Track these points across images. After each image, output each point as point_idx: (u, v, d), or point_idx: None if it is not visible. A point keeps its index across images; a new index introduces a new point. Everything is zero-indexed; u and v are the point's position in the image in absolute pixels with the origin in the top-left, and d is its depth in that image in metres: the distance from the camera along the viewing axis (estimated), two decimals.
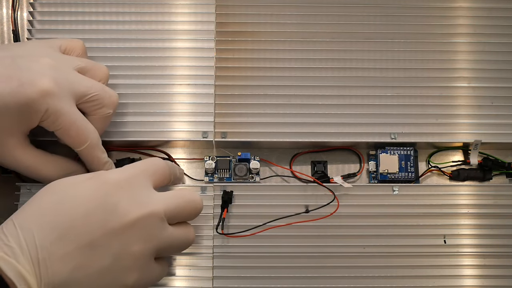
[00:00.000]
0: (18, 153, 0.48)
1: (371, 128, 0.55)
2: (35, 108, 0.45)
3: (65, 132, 0.47)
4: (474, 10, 0.59)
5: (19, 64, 0.46)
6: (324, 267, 0.53)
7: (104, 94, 0.50)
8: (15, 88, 0.44)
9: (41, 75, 0.46)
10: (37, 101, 0.45)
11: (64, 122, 0.47)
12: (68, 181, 0.44)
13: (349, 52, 0.57)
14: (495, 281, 0.53)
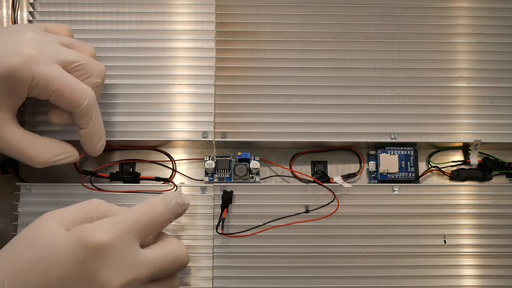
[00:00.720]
0: (5, 131, 0.46)
1: (371, 128, 0.55)
2: (20, 77, 0.44)
3: (60, 94, 0.46)
4: (474, 10, 0.59)
5: (2, 39, 0.45)
6: (324, 267, 0.53)
7: (91, 64, 0.48)
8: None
9: (24, 45, 0.45)
10: (21, 69, 0.44)
11: (56, 84, 0.45)
12: (50, 230, 0.40)
13: (349, 52, 0.57)
14: (495, 281, 0.53)
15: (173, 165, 0.56)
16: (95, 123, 0.48)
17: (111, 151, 0.56)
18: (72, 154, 0.50)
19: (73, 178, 0.56)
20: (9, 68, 0.44)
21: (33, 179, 0.56)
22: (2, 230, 0.55)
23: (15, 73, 0.44)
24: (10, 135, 0.46)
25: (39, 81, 0.45)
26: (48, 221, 0.41)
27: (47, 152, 0.48)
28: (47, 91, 0.45)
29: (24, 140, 0.47)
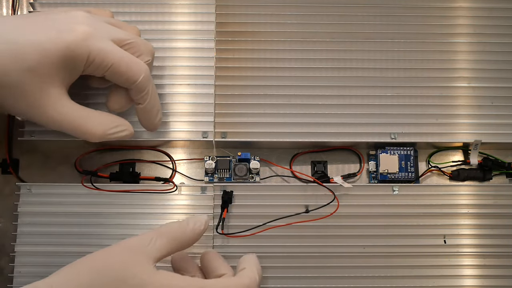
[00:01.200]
0: (62, 105, 0.46)
1: (371, 128, 0.55)
2: (77, 53, 0.44)
3: (116, 69, 0.46)
4: (474, 10, 0.59)
5: (53, 17, 0.46)
6: (324, 267, 0.53)
7: (140, 42, 0.49)
8: (54, 35, 0.44)
9: (78, 22, 0.45)
10: (79, 45, 0.44)
11: (112, 59, 0.46)
12: (144, 271, 0.41)
13: (349, 52, 0.57)
14: (495, 281, 0.53)
15: (173, 165, 0.56)
16: (152, 97, 0.49)
17: (111, 151, 0.56)
18: (127, 128, 0.49)
19: (73, 178, 0.56)
20: (66, 44, 0.44)
21: (33, 179, 0.56)
22: (2, 230, 0.55)
23: (72, 50, 0.44)
24: (67, 109, 0.46)
25: (95, 57, 0.45)
26: (141, 258, 0.42)
27: (103, 126, 0.48)
28: (103, 66, 0.46)
29: (80, 114, 0.47)
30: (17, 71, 0.43)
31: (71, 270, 0.41)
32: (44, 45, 0.44)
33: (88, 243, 0.52)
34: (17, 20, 0.46)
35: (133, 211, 0.53)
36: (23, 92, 0.44)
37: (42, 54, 0.44)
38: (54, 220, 0.52)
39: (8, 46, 0.43)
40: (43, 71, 0.44)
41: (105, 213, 0.53)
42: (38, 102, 0.45)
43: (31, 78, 0.44)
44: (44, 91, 0.45)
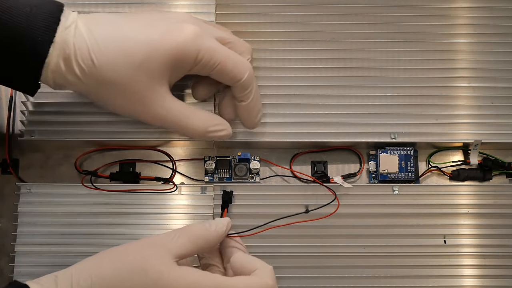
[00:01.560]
0: (168, 103, 0.47)
1: (371, 128, 0.55)
2: (187, 51, 0.45)
3: (223, 67, 0.47)
4: (474, 10, 0.59)
5: (161, 16, 0.47)
6: (324, 267, 0.53)
7: (238, 41, 0.50)
8: (165, 34, 0.45)
9: (185, 21, 0.46)
10: (189, 43, 0.45)
11: (220, 57, 0.46)
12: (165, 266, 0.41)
13: (349, 52, 0.57)
14: (495, 281, 0.53)
15: (173, 165, 0.56)
16: (255, 95, 0.50)
17: (111, 151, 0.56)
18: (226, 128, 0.50)
19: (73, 178, 0.56)
20: (176, 43, 0.45)
21: (33, 179, 0.56)
22: (2, 230, 0.55)
23: (182, 48, 0.45)
24: (172, 106, 0.47)
25: (204, 56, 0.46)
26: (161, 251, 0.42)
27: (205, 124, 0.49)
28: (211, 65, 0.47)
29: (184, 111, 0.48)
30: (127, 67, 0.44)
31: (93, 260, 0.42)
32: (154, 43, 0.45)
33: (88, 243, 0.52)
34: (126, 17, 0.47)
35: (133, 211, 0.53)
36: (131, 88, 0.45)
37: (152, 51, 0.45)
38: (54, 220, 0.52)
39: (118, 43, 0.44)
40: (152, 69, 0.45)
41: (105, 213, 0.53)
42: (145, 99, 0.46)
43: (140, 75, 0.45)
44: (151, 88, 0.46)
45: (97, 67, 0.44)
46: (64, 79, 0.45)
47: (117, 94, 0.46)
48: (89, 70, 0.44)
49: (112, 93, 0.46)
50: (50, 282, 0.39)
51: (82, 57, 0.44)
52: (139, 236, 0.51)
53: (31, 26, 0.42)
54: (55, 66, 0.44)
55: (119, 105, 0.47)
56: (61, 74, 0.44)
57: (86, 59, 0.44)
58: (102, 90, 0.46)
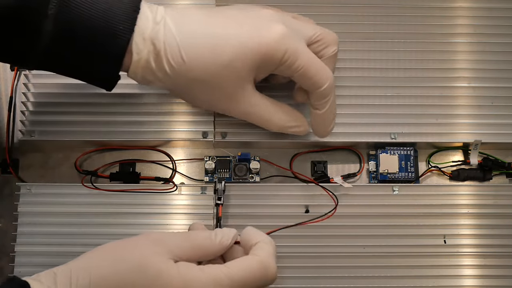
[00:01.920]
0: (254, 99, 0.48)
1: (371, 128, 0.55)
2: (275, 52, 0.45)
3: (306, 72, 0.47)
4: (474, 10, 0.59)
5: (249, 13, 0.47)
6: (324, 267, 0.53)
7: (325, 32, 0.50)
8: (253, 32, 0.45)
9: (272, 20, 0.46)
10: (277, 44, 0.45)
11: (304, 62, 0.47)
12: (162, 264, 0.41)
13: (349, 52, 0.57)
14: (495, 281, 0.53)
15: (173, 165, 0.56)
16: (331, 105, 0.49)
17: (111, 151, 0.56)
18: (303, 125, 0.51)
19: (73, 178, 0.56)
20: (265, 43, 0.45)
21: (33, 179, 0.56)
22: (2, 230, 0.55)
23: (270, 49, 0.45)
24: (260, 103, 0.49)
25: (289, 57, 0.46)
26: (159, 250, 0.41)
27: (287, 119, 0.50)
28: (294, 68, 0.47)
29: (269, 107, 0.49)
30: (216, 66, 0.45)
31: (92, 257, 0.41)
32: (244, 42, 0.45)
33: (88, 243, 0.52)
34: (213, 14, 0.47)
35: (133, 211, 0.53)
36: (219, 86, 0.46)
37: (241, 50, 0.45)
38: (54, 220, 0.52)
39: (208, 40, 0.45)
40: (240, 68, 0.46)
41: (105, 213, 0.53)
42: (232, 96, 0.47)
43: (229, 74, 0.45)
44: (239, 86, 0.47)
45: (186, 65, 0.45)
46: (153, 75, 0.45)
47: (204, 91, 0.47)
48: (179, 68, 0.45)
49: (200, 90, 0.47)
50: (49, 279, 0.39)
51: (172, 54, 0.44)
52: None
53: (111, 16, 0.43)
54: (145, 62, 0.44)
55: (205, 100, 0.48)
56: (151, 70, 0.45)
57: (176, 57, 0.44)
58: (190, 87, 0.46)
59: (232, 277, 0.41)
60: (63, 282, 0.39)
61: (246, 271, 0.42)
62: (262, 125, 0.51)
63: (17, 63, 0.45)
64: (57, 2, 0.41)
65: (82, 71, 0.46)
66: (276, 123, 0.50)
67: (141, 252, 0.41)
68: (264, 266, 0.42)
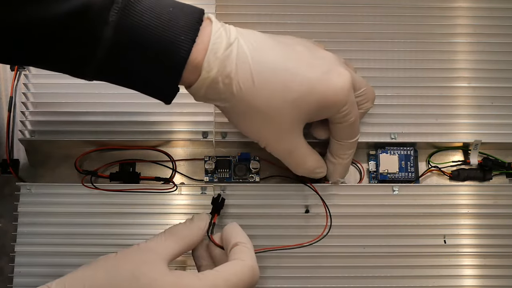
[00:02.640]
0: (300, 140, 0.48)
1: (371, 128, 0.55)
2: (339, 100, 0.46)
3: (352, 124, 0.48)
4: (474, 10, 0.59)
5: (313, 53, 0.47)
6: (323, 267, 0.53)
7: (368, 88, 0.51)
8: (322, 77, 0.45)
9: (339, 64, 0.47)
10: (343, 90, 0.46)
11: (356, 113, 0.48)
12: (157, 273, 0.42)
13: (349, 52, 0.57)
14: (495, 281, 0.53)
15: (173, 165, 0.56)
16: (352, 156, 0.52)
17: (111, 151, 0.56)
18: (324, 171, 0.52)
19: (73, 178, 0.56)
20: (333, 89, 0.46)
21: (33, 179, 0.56)
22: (2, 230, 0.55)
23: (337, 95, 0.46)
24: (302, 145, 0.49)
25: (347, 109, 0.47)
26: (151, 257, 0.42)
27: (315, 164, 0.50)
28: (347, 117, 0.48)
29: (305, 150, 0.49)
30: (283, 99, 0.45)
31: (86, 270, 0.42)
32: (314, 84, 0.45)
33: (88, 243, 0.52)
34: (286, 48, 0.47)
35: (133, 211, 0.53)
36: (278, 119, 0.46)
37: (310, 91, 0.45)
38: (54, 220, 0.52)
39: (281, 73, 0.45)
40: (303, 107, 0.45)
41: (105, 213, 0.53)
42: (284, 133, 0.47)
43: (291, 110, 0.45)
44: (295, 124, 0.47)
45: (255, 91, 0.44)
46: (217, 95, 0.44)
47: (260, 121, 0.46)
48: (246, 92, 0.44)
49: (256, 119, 0.46)
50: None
51: (243, 77, 0.44)
52: (139, 236, 0.51)
53: (172, 26, 0.42)
54: (212, 81, 0.43)
55: (256, 130, 0.47)
56: (216, 90, 0.44)
57: (247, 81, 0.44)
58: (248, 114, 0.46)
59: (227, 283, 0.42)
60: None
61: (239, 276, 0.43)
62: (292, 166, 0.50)
63: (75, 72, 0.44)
64: (118, 9, 0.40)
65: (141, 82, 0.45)
66: (307, 168, 0.50)
67: (134, 262, 0.42)
68: (252, 270, 0.44)
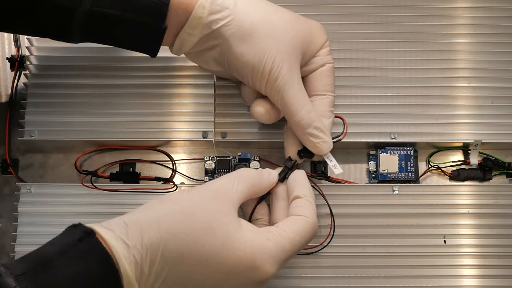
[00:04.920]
0: (298, 78, 0.48)
1: (371, 128, 0.55)
2: (321, 31, 0.51)
3: (332, 68, 0.51)
4: (474, 10, 0.59)
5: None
6: (323, 267, 0.53)
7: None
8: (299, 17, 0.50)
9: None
10: (320, 27, 0.51)
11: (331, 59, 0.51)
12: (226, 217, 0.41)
13: (349, 52, 0.57)
14: (495, 281, 0.53)
15: (173, 165, 0.56)
16: (333, 115, 0.51)
17: (111, 151, 0.56)
18: (327, 141, 0.49)
19: (73, 178, 0.56)
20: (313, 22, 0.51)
21: (33, 179, 0.56)
22: (2, 230, 0.55)
23: (317, 26, 0.51)
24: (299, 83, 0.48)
25: (328, 46, 0.51)
26: (228, 206, 0.42)
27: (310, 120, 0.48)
28: (329, 58, 0.51)
29: (305, 95, 0.48)
30: (277, 16, 0.48)
31: (162, 208, 0.40)
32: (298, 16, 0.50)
33: None
34: None
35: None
36: (277, 35, 0.47)
37: (297, 17, 0.49)
38: (54, 220, 0.52)
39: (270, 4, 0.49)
40: (297, 26, 0.48)
41: (105, 213, 0.53)
42: (284, 53, 0.47)
43: (290, 29, 0.48)
44: (293, 47, 0.47)
45: (253, 3, 0.48)
46: (217, 14, 0.46)
47: (261, 38, 0.47)
48: (243, 4, 0.47)
49: (256, 36, 0.46)
50: (121, 230, 0.38)
51: None
52: None
53: None
54: (210, 3, 0.46)
55: (257, 51, 0.47)
56: (215, 8, 0.46)
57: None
58: (249, 31, 0.47)
59: (293, 242, 0.43)
60: (135, 235, 0.38)
61: (302, 235, 0.44)
62: (288, 113, 0.48)
63: (60, 33, 0.46)
64: None
65: (128, 29, 0.46)
66: (302, 117, 0.47)
67: (210, 210, 0.41)
68: (314, 227, 0.45)
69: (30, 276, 0.34)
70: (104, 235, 0.37)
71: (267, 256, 0.41)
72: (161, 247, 0.38)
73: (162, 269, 0.38)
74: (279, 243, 0.42)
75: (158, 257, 0.38)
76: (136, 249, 0.37)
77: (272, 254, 0.41)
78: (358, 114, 0.55)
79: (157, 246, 0.38)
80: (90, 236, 0.37)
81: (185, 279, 0.39)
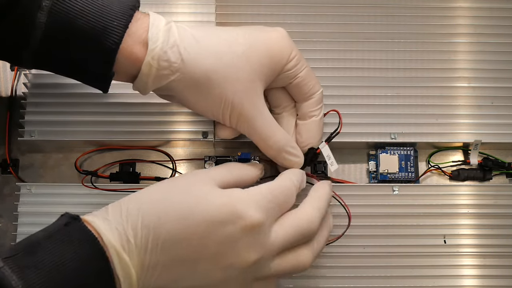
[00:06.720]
0: (262, 104, 0.47)
1: (371, 128, 0.55)
2: (284, 46, 0.48)
3: (309, 73, 0.49)
4: (474, 10, 0.59)
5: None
6: (323, 267, 0.53)
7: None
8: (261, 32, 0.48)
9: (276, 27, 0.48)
10: (284, 39, 0.48)
11: (305, 62, 0.49)
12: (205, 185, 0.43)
13: (349, 52, 0.57)
14: (495, 281, 0.53)
15: (173, 165, 0.56)
16: (322, 111, 0.51)
17: (111, 151, 0.56)
18: (300, 157, 0.49)
19: (73, 178, 0.56)
20: (275, 38, 0.47)
21: (33, 179, 0.56)
22: (2, 230, 0.55)
23: (278, 42, 0.47)
24: (265, 110, 0.47)
25: (296, 55, 0.48)
26: (204, 177, 0.43)
27: (285, 141, 0.48)
28: (298, 68, 0.48)
29: (274, 121, 0.48)
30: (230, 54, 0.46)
31: (142, 191, 0.42)
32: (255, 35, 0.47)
33: None
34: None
35: None
36: (232, 76, 0.46)
37: (253, 42, 0.46)
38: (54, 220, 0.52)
39: (222, 35, 0.47)
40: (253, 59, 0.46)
41: None
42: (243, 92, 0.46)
43: (243, 64, 0.46)
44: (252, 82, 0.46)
45: (202, 49, 0.45)
46: (167, 68, 0.45)
47: (216, 83, 0.45)
48: (194, 54, 0.45)
49: (211, 82, 0.45)
50: (102, 211, 0.41)
51: (187, 43, 0.45)
52: None
53: (106, 12, 0.43)
54: (160, 51, 0.44)
55: (215, 97, 0.46)
56: (165, 62, 0.44)
57: (192, 45, 0.45)
58: (202, 79, 0.45)
59: (272, 188, 0.43)
60: (114, 211, 0.40)
61: (284, 193, 0.44)
62: (261, 140, 0.48)
63: (12, 59, 0.46)
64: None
65: (76, 69, 0.46)
66: (275, 142, 0.48)
67: (186, 179, 0.44)
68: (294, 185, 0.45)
69: (18, 258, 0.36)
70: (88, 217, 0.40)
71: (248, 201, 0.41)
72: (140, 214, 0.40)
73: (147, 235, 0.39)
74: (256, 190, 0.42)
75: (139, 224, 0.39)
76: (116, 221, 0.39)
77: (253, 199, 0.41)
78: (358, 114, 0.55)
79: (136, 214, 0.40)
80: (76, 221, 0.39)
81: (171, 241, 0.40)
